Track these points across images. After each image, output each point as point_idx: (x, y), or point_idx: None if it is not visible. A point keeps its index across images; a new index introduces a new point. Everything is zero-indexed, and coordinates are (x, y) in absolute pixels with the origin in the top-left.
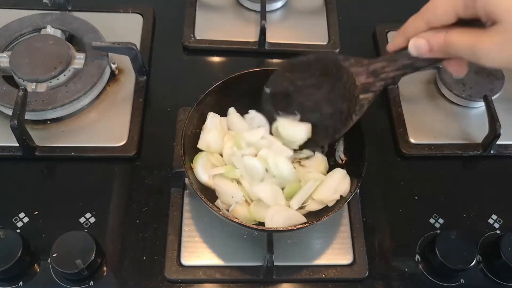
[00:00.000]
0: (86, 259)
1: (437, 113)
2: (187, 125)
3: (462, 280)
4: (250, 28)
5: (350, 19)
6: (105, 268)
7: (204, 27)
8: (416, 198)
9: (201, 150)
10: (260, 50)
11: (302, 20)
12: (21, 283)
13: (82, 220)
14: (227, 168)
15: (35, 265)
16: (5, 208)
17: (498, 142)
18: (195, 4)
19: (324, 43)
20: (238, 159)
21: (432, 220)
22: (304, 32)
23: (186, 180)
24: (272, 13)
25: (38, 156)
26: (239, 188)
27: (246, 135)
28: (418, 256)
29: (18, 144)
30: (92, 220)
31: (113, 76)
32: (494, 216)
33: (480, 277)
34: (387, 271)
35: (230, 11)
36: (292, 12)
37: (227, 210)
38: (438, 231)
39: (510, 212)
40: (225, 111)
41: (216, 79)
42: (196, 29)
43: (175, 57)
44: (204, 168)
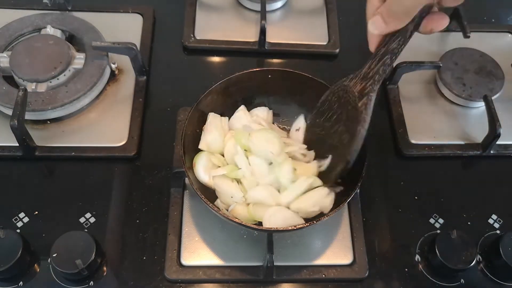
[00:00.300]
0: (86, 259)
1: (437, 113)
2: (187, 125)
3: (462, 280)
4: (250, 28)
5: (350, 19)
6: (105, 268)
7: (204, 27)
8: (416, 198)
9: (201, 150)
10: (260, 50)
11: (302, 20)
12: (21, 283)
13: (82, 220)
14: (229, 168)
15: (35, 265)
16: (5, 208)
17: (498, 142)
18: (195, 4)
19: (324, 43)
20: (241, 157)
21: (432, 220)
22: (304, 32)
23: (186, 180)
24: (272, 13)
25: (38, 156)
26: (239, 188)
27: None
28: (418, 256)
29: (18, 144)
30: (92, 220)
31: (113, 76)
32: (494, 216)
33: (480, 277)
34: (387, 271)
35: (230, 11)
36: (292, 12)
37: (227, 210)
38: (438, 231)
39: (510, 212)
40: (225, 111)
41: (216, 79)
42: (196, 29)
43: (175, 57)
44: (204, 168)
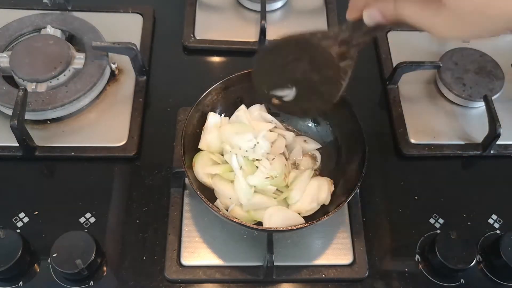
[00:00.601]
0: (86, 259)
1: (437, 113)
2: (187, 125)
3: (462, 280)
4: (250, 28)
5: None
6: (105, 268)
7: (204, 27)
8: (416, 198)
9: (201, 150)
10: None
11: (302, 20)
12: (21, 283)
13: (82, 220)
14: (223, 168)
15: (35, 265)
16: (5, 208)
17: (498, 142)
18: (195, 4)
19: None
20: (229, 156)
21: (432, 220)
22: None
23: (186, 180)
24: (272, 13)
25: (38, 156)
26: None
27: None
28: (418, 256)
29: (18, 144)
30: (92, 220)
31: (113, 76)
32: (494, 216)
33: (480, 277)
34: (387, 271)
35: (230, 11)
36: (292, 12)
37: (227, 210)
38: (438, 231)
39: (510, 212)
40: (225, 111)
41: (216, 79)
42: (196, 29)
43: (175, 57)
44: (204, 168)
